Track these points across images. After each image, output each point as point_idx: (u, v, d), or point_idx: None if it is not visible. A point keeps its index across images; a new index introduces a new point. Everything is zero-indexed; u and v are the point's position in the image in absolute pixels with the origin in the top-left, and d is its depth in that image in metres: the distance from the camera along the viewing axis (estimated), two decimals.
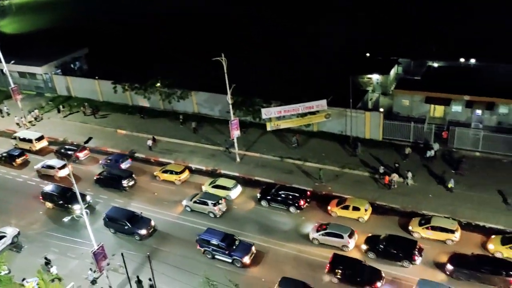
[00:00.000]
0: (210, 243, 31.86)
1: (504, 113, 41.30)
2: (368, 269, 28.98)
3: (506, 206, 33.40)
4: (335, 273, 29.19)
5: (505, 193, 34.30)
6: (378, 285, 28.18)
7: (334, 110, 43.98)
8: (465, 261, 28.67)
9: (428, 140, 41.24)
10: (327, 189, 37.92)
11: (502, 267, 27.74)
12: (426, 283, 27.15)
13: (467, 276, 28.21)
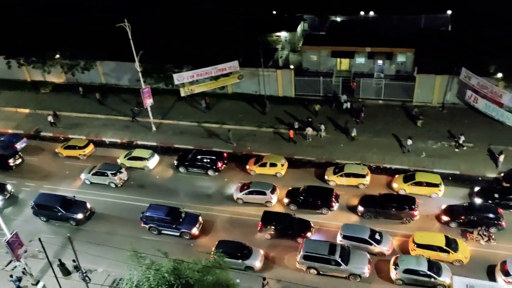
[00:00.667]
0: (155, 219, 31.21)
1: (401, 61, 44.37)
2: (297, 222, 30.48)
3: (404, 148, 36.49)
4: (267, 230, 30.34)
5: (402, 136, 37.34)
6: (308, 235, 29.87)
7: (247, 71, 44.31)
8: (373, 201, 31.33)
9: (336, 92, 43.34)
10: (247, 149, 38.74)
11: (405, 202, 30.73)
12: (349, 227, 29.35)
13: (376, 214, 30.92)
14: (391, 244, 28.79)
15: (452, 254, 27.23)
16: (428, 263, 26.25)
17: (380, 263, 28.15)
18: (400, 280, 26.50)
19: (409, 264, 26.39)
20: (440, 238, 27.88)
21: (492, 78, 37.40)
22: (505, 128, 36.36)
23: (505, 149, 34.61)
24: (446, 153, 35.89)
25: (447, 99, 40.47)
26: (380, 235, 28.88)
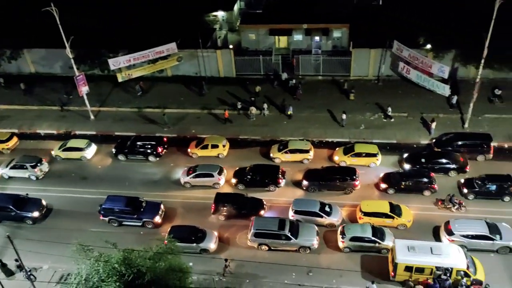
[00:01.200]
0: (115, 210, 30.27)
1: (337, 37, 45.39)
2: (250, 201, 30.86)
3: (341, 122, 37.67)
4: (220, 211, 30.48)
5: (341, 110, 38.60)
6: (262, 212, 30.37)
7: (186, 52, 43.54)
8: (316, 174, 32.31)
9: (277, 70, 43.74)
10: (191, 132, 38.39)
11: (347, 173, 31.95)
12: (299, 202, 30.15)
13: (320, 187, 31.98)
14: (340, 215, 29.94)
15: (397, 219, 28.76)
16: (372, 229, 27.60)
17: (328, 233, 29.26)
18: (347, 248, 27.73)
19: (354, 232, 27.61)
20: (385, 205, 29.31)
21: (422, 50, 39.26)
22: (436, 96, 38.43)
23: (436, 117, 36.73)
24: (383, 124, 37.52)
25: (382, 72, 42.07)
26: (329, 207, 29.92)
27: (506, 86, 38.76)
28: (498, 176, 30.41)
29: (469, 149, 33.11)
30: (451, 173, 32.18)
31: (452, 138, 33.95)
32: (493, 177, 30.32)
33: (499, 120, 36.44)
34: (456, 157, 32.50)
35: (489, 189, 29.94)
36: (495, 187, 29.88)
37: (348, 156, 33.69)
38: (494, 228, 27.15)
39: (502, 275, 25.94)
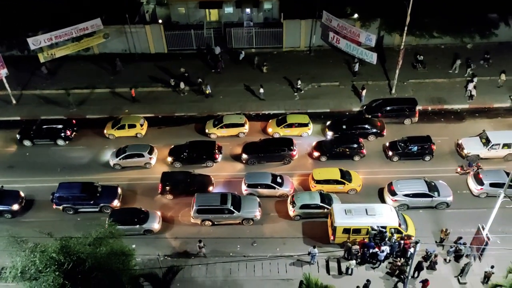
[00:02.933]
0: (70, 198, 28.87)
1: (268, 8, 45.30)
2: (198, 178, 30.69)
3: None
4: (168, 191, 30.10)
5: (282, 81, 39.07)
6: (210, 189, 30.42)
7: (112, 29, 41.54)
8: (255, 147, 32.71)
9: (210, 44, 43.06)
10: (124, 112, 37.12)
11: (284, 144, 32.61)
12: (251, 175, 30.50)
13: (259, 159, 32.47)
14: (291, 184, 30.69)
15: (347, 185, 30.05)
16: (320, 196, 28.72)
17: (279, 203, 30.03)
18: (298, 215, 28.70)
19: (304, 200, 28.55)
20: (336, 171, 30.46)
21: (350, 19, 40.26)
22: (365, 64, 39.81)
23: (366, 84, 38.21)
24: (316, 94, 38.44)
25: (313, 43, 42.79)
26: (281, 178, 30.55)
27: (427, 52, 40.98)
28: (418, 138, 32.39)
29: (397, 114, 34.89)
30: (370, 137, 33.78)
31: (380, 104, 35.54)
32: (414, 139, 32.25)
33: (422, 85, 38.60)
34: (374, 122, 34.22)
35: (411, 150, 31.86)
36: (416, 148, 31.86)
37: (281, 128, 34.31)
38: (433, 186, 29.13)
39: (429, 229, 28.07)
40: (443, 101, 36.75)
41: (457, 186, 29.91)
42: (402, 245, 25.97)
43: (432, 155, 32.00)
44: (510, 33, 41.20)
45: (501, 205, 24.12)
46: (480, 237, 25.00)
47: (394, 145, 32.57)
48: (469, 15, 38.54)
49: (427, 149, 31.89)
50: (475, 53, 40.54)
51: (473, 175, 29.98)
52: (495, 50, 40.25)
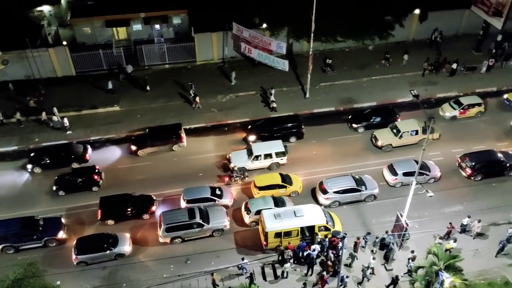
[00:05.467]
0: (8, 236, 26.97)
1: (178, 23, 45.15)
2: (139, 199, 29.76)
3: (192, 106, 38.03)
4: (109, 217, 28.87)
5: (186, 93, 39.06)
6: (153, 208, 29.67)
7: (12, 54, 38.90)
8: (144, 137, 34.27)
9: (121, 63, 41.86)
10: (34, 141, 34.83)
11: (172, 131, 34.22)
12: (190, 190, 30.13)
13: None
14: (231, 195, 30.78)
15: (289, 188, 30.79)
16: (273, 200, 29.31)
17: (234, 212, 30.08)
18: (254, 222, 28.89)
19: (258, 205, 28.88)
20: (276, 176, 31.07)
21: (260, 29, 41.38)
22: (277, 72, 41.00)
23: (280, 90, 39.40)
24: (234, 104, 38.89)
25: (226, 54, 43.31)
26: (220, 190, 30.53)
27: (335, 56, 43.29)
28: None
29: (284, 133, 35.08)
30: (292, 138, 35.15)
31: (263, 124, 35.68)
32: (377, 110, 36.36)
33: (333, 87, 40.62)
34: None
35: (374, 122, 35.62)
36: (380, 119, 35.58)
37: None
38: (360, 180, 30.70)
39: (355, 222, 29.50)
40: (353, 101, 38.95)
41: (375, 179, 31.71)
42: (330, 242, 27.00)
43: None
44: (405, 33, 44.86)
45: (415, 192, 26.05)
46: (400, 224, 26.73)
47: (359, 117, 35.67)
48: (368, 19, 41.41)
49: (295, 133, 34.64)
50: (375, 53, 43.60)
51: (387, 167, 32.05)
52: (394, 50, 43.53)
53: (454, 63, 40.66)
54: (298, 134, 35.14)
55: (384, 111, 36.45)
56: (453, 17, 44.71)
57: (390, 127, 34.67)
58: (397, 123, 34.69)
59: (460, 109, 36.23)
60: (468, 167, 31.64)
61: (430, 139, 33.19)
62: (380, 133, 34.54)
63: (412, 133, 33.79)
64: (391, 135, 34.14)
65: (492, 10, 39.98)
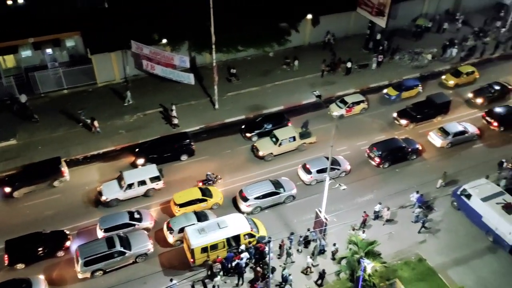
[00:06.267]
0: None
1: (72, 46, 42.87)
2: (50, 236, 27.66)
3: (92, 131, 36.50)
4: (18, 260, 26.49)
5: (99, 118, 37.29)
6: (68, 243, 27.76)
7: None
8: None
9: (13, 94, 38.74)
10: None
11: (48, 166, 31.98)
12: (106, 218, 28.69)
13: None
14: (151, 217, 29.72)
15: (210, 201, 30.43)
16: (196, 215, 28.73)
17: (156, 234, 29.07)
18: (178, 240, 28.16)
19: (181, 223, 28.13)
20: (196, 191, 30.63)
21: (160, 45, 40.79)
22: (184, 86, 40.70)
23: (189, 104, 39.16)
24: (143, 123, 37.87)
25: (128, 73, 42.06)
26: (138, 213, 29.37)
27: (238, 65, 44.07)
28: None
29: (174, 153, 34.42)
30: (183, 157, 34.48)
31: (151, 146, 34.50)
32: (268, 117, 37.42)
33: (240, 96, 41.30)
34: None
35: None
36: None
37: None
38: (277, 183, 31.35)
39: (278, 225, 30.15)
40: (261, 107, 39.91)
41: (291, 180, 32.71)
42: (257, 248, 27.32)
43: None
44: (301, 37, 47.07)
45: (329, 187, 27.33)
46: (320, 220, 27.85)
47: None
48: (265, 28, 42.83)
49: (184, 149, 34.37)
50: (276, 59, 45.18)
51: (301, 166, 33.26)
52: (292, 54, 45.43)
53: (348, 62, 43.56)
54: (188, 151, 34.49)
55: (275, 117, 37.35)
56: (342, 20, 47.92)
57: (269, 136, 35.23)
58: (275, 131, 35.12)
59: (346, 108, 38.41)
60: (376, 156, 33.99)
61: (307, 143, 35.40)
62: (260, 144, 34.92)
63: (290, 139, 34.63)
64: (271, 144, 34.63)
65: (375, 10, 43.50)
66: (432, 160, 35.08)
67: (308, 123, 35.37)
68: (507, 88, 40.77)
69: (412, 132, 37.20)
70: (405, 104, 39.09)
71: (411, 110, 37.97)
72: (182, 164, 34.40)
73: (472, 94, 40.50)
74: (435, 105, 38.08)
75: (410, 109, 38.09)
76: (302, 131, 35.85)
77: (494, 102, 39.61)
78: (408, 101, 39.71)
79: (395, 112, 38.51)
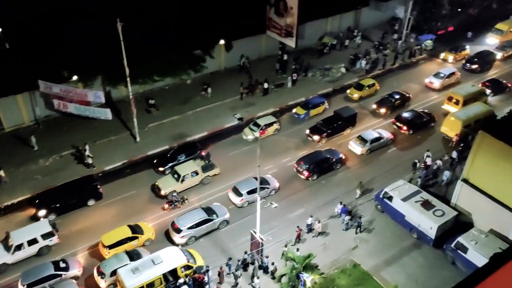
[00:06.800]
0: None
1: None
2: None
3: None
4: None
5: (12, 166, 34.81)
6: None
7: None
8: None
9: None
10: None
11: None
12: (29, 273, 26.67)
13: None
14: (78, 264, 27.99)
15: (141, 237, 29.26)
16: (127, 254, 27.45)
17: (87, 281, 27.29)
18: (111, 284, 26.53)
19: (112, 265, 26.70)
20: (125, 229, 29.40)
21: (72, 82, 39.10)
22: (102, 122, 39.19)
23: (108, 140, 37.80)
24: (59, 166, 35.80)
25: (38, 115, 39.70)
26: (64, 261, 27.59)
27: (156, 95, 43.51)
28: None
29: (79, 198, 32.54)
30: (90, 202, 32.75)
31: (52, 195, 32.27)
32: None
33: (162, 126, 40.68)
34: None
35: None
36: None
37: None
38: (209, 209, 31.01)
39: (214, 252, 29.73)
40: (184, 135, 39.59)
41: (223, 205, 32.60)
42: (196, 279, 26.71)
43: None
44: (216, 63, 47.71)
45: (261, 206, 27.59)
46: (256, 241, 27.93)
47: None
48: (179, 56, 42.86)
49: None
50: (194, 86, 45.29)
51: (232, 189, 33.30)
52: (210, 80, 45.88)
53: (265, 83, 44.83)
54: (95, 195, 32.70)
55: (187, 147, 36.81)
56: (254, 43, 49.41)
57: (170, 173, 34.33)
58: (176, 167, 34.13)
59: (259, 130, 38.81)
60: (304, 169, 35.01)
61: (211, 175, 34.78)
62: (162, 182, 33.70)
63: (193, 174, 33.75)
64: (173, 182, 33.45)
65: (283, 32, 45.44)
66: (354, 168, 36.88)
67: (210, 155, 34.73)
68: (406, 96, 44.23)
69: (330, 144, 38.89)
70: (315, 121, 40.52)
71: (321, 125, 39.43)
72: (89, 210, 32.42)
73: (376, 105, 43.31)
74: (343, 118, 39.98)
75: (321, 124, 39.54)
76: (205, 164, 34.86)
77: (396, 110, 42.63)
78: (317, 117, 41.27)
79: (307, 129, 39.80)
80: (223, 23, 43.05)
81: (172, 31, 40.08)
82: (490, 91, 44.43)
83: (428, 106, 44.02)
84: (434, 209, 30.13)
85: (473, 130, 35.26)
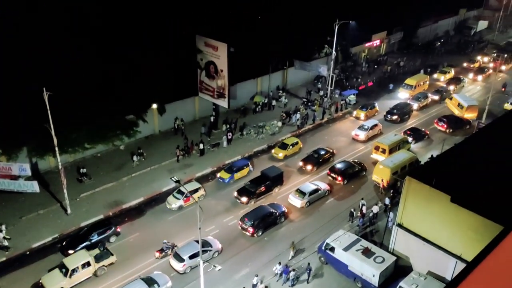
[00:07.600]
0: None
1: None
2: None
3: None
4: None
5: None
6: None
7: None
8: None
9: None
10: None
11: None
12: None
13: None
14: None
15: None
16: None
17: None
18: None
19: None
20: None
21: None
22: (28, 195, 36.83)
23: (36, 214, 35.42)
24: None
25: None
26: None
27: (88, 163, 41.98)
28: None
29: None
30: None
31: None
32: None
33: (95, 194, 38.95)
34: None
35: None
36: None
37: None
38: (150, 279, 29.43)
39: None
40: (120, 202, 38.13)
41: (164, 272, 31.14)
42: None
43: None
44: (150, 127, 47.39)
45: (204, 271, 26.69)
46: None
47: None
48: (110, 122, 42.04)
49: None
50: (128, 151, 44.38)
51: (173, 256, 32.05)
52: (145, 144, 45.28)
53: (201, 143, 44.99)
54: None
55: (99, 226, 34.06)
56: (188, 104, 50.05)
57: (58, 267, 30.29)
58: (64, 260, 30.50)
59: (184, 198, 37.31)
60: (249, 226, 34.63)
61: (107, 265, 31.24)
62: (47, 279, 29.58)
63: (85, 266, 30.06)
64: (60, 277, 29.38)
65: (216, 93, 46.59)
66: (297, 221, 37.13)
67: (105, 242, 32.44)
68: (330, 151, 45.60)
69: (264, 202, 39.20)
70: (243, 182, 40.23)
71: (249, 187, 39.26)
72: None
73: (302, 162, 44.26)
74: (270, 178, 40.14)
75: (248, 186, 39.41)
76: (100, 252, 31.46)
77: (322, 166, 43.75)
78: (242, 180, 40.94)
79: (235, 191, 39.32)
80: (154, 88, 43.31)
81: (103, 97, 39.60)
82: (412, 139, 47.70)
83: (358, 156, 46.24)
84: (375, 256, 30.77)
85: (400, 176, 37.30)
